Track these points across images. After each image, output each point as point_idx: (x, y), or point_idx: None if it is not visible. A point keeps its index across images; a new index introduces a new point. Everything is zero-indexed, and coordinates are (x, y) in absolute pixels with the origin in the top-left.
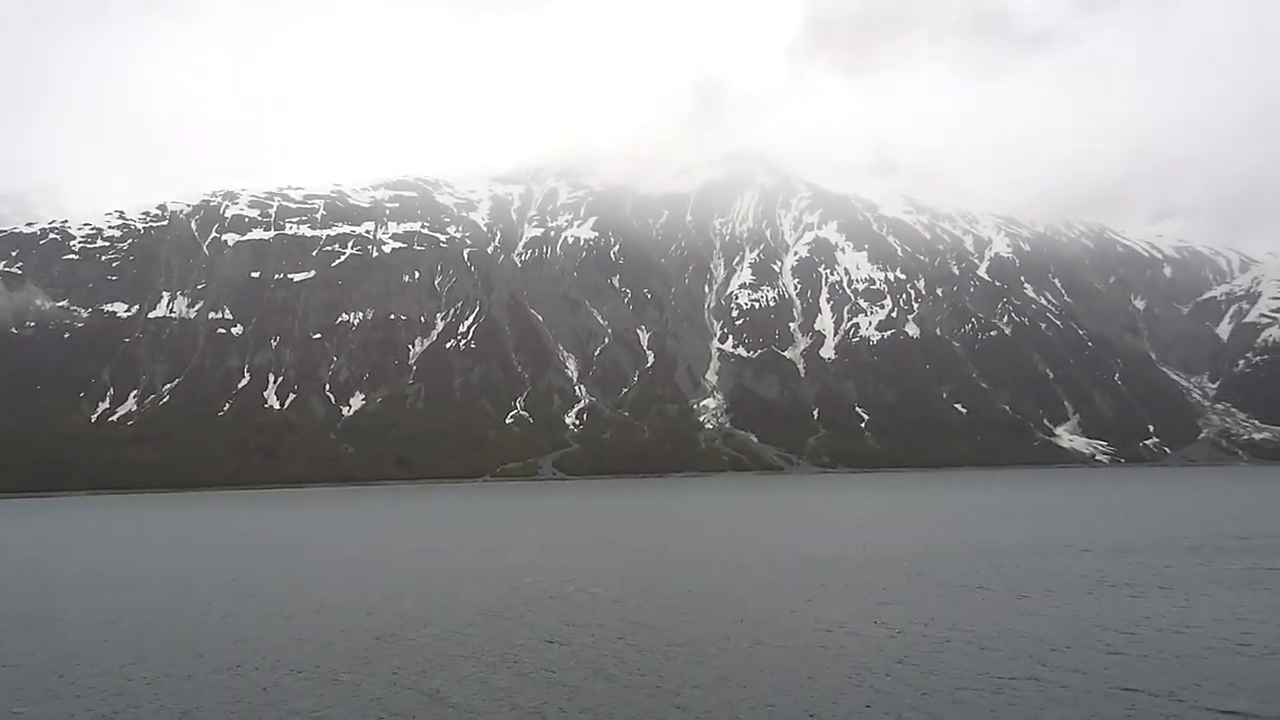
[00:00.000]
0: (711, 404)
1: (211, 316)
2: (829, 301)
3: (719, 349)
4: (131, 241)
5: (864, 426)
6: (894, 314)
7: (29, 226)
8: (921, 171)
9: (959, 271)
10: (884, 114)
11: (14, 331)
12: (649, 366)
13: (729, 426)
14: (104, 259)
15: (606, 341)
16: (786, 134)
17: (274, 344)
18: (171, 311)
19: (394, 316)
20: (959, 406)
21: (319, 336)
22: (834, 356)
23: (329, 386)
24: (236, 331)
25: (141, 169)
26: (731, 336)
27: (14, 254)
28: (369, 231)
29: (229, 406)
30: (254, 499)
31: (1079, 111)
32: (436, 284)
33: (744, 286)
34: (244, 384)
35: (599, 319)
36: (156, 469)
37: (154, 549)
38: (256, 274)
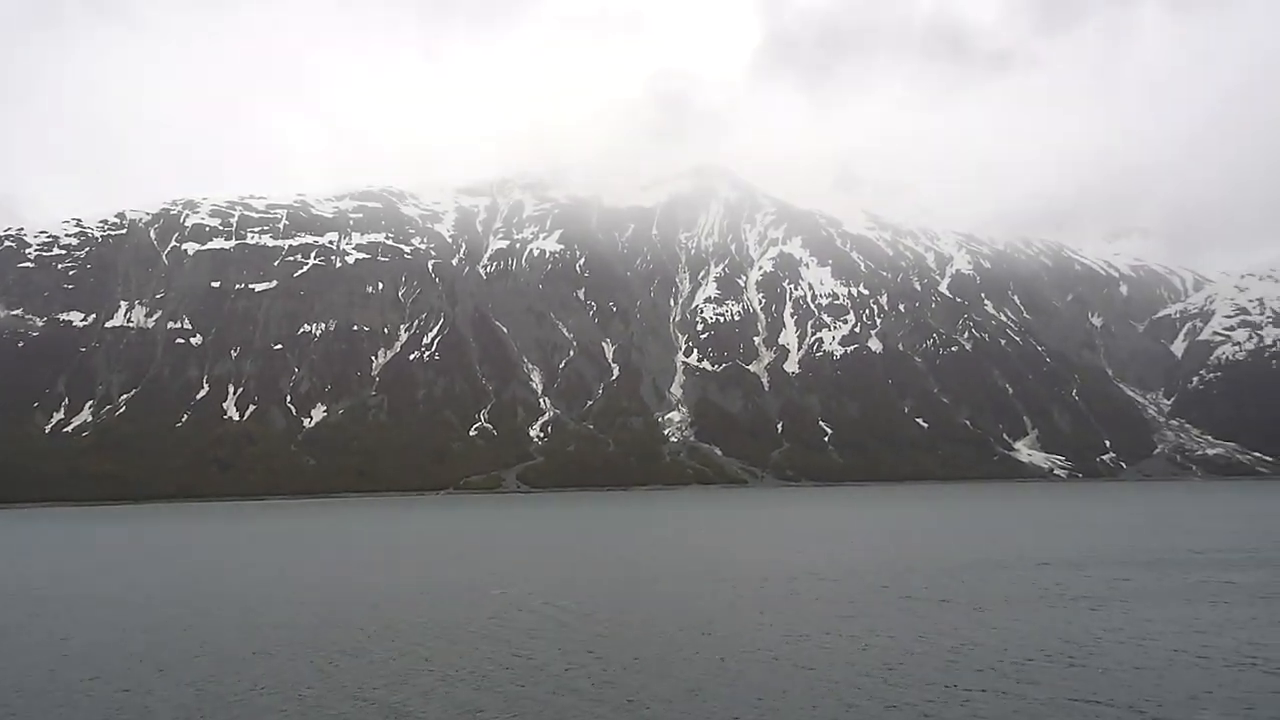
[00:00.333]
0: (676, 417)
1: (170, 326)
2: (793, 316)
3: (684, 362)
4: (89, 250)
5: (827, 440)
6: (857, 329)
7: None
8: (884, 188)
9: (921, 288)
10: (847, 131)
11: None
12: (614, 379)
13: (693, 440)
14: (60, 267)
15: (571, 354)
16: (750, 149)
17: (234, 354)
18: (129, 321)
19: (357, 328)
20: (920, 421)
21: (280, 347)
22: (798, 371)
23: (290, 398)
24: (196, 342)
25: (100, 177)
26: (696, 350)
27: None
28: (332, 242)
29: (187, 417)
30: (212, 511)
31: (1037, 132)
32: (400, 295)
33: (709, 300)
34: (203, 395)
35: (564, 331)
36: (113, 480)
37: (124, 562)
38: (217, 284)
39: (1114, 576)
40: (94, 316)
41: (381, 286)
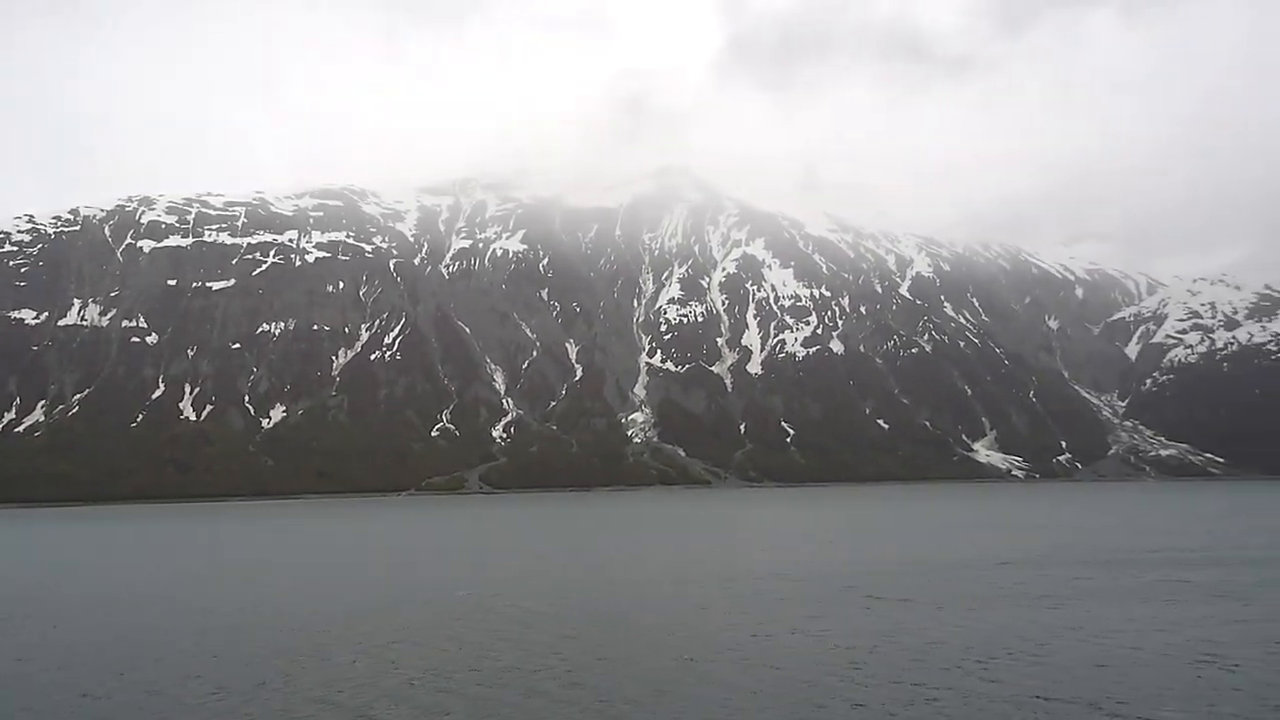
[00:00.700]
0: (639, 418)
1: (125, 325)
2: (756, 317)
3: (647, 363)
4: (41, 246)
5: (789, 441)
6: (819, 330)
7: None
8: (846, 190)
9: (882, 290)
10: (809, 133)
11: None
12: (577, 380)
13: (657, 440)
14: (11, 264)
15: (535, 354)
16: (713, 150)
17: (191, 354)
18: (83, 319)
19: (317, 327)
20: (881, 422)
21: (238, 346)
22: (760, 372)
23: (248, 398)
24: (151, 340)
25: (53, 173)
26: (660, 351)
27: None
28: (292, 240)
29: (142, 418)
30: (169, 513)
31: (995, 135)
32: (361, 295)
33: (672, 301)
34: (158, 394)
35: (527, 332)
36: (66, 482)
37: (80, 565)
38: (173, 282)
39: (1072, 576)
40: (46, 314)
41: (342, 285)
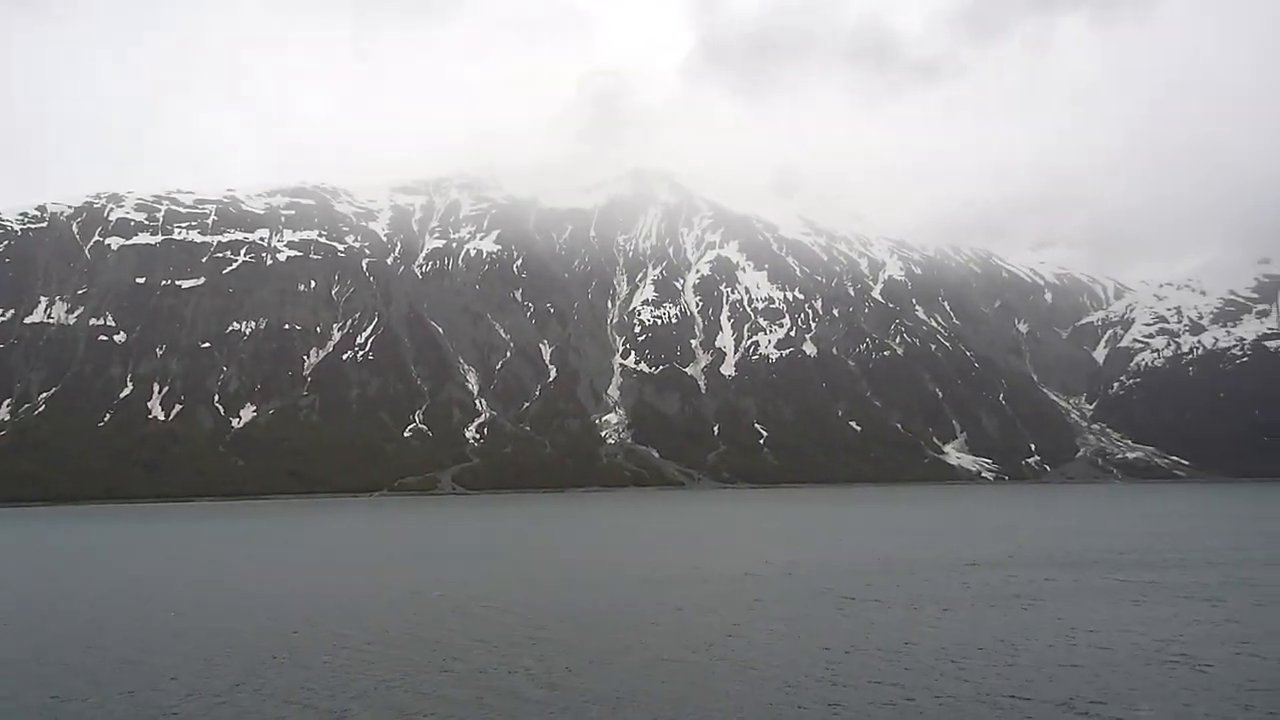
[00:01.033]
0: (613, 419)
1: (93, 323)
2: (730, 319)
3: (621, 364)
4: (7, 244)
5: (763, 443)
6: (792, 333)
7: None
8: (819, 194)
9: (854, 293)
10: (782, 136)
11: None
12: (551, 381)
13: (630, 442)
14: None
15: (508, 355)
16: (686, 152)
17: (159, 353)
18: (50, 317)
19: (288, 326)
20: (854, 424)
21: (208, 346)
22: (734, 374)
23: (218, 397)
24: (120, 339)
25: (20, 169)
26: (634, 352)
27: None
28: (263, 239)
29: (110, 417)
30: (137, 513)
31: (966, 140)
32: (333, 294)
33: (646, 303)
34: (126, 394)
35: (501, 332)
36: (32, 481)
37: (48, 565)
38: (142, 280)
39: (1042, 577)
40: (12, 312)
41: (314, 285)
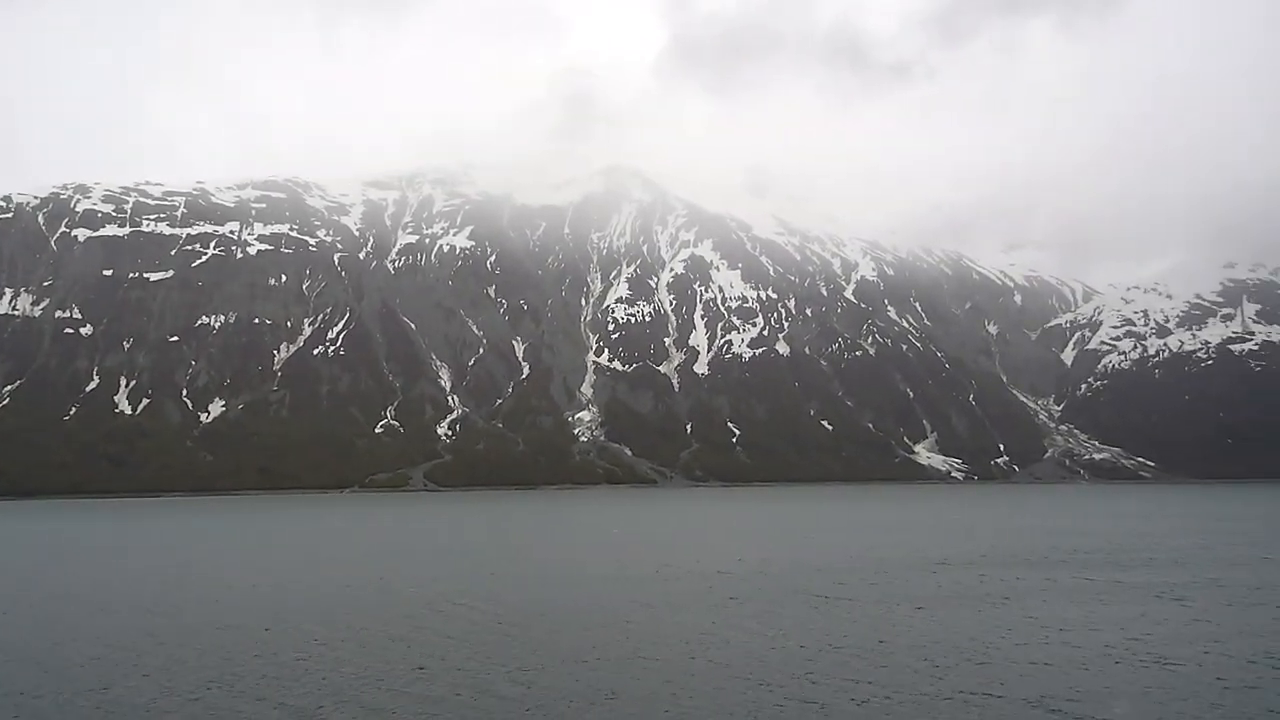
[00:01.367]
0: (586, 417)
1: (59, 315)
2: (703, 318)
3: (594, 362)
4: None
5: (735, 441)
6: (765, 332)
7: None
8: (793, 194)
9: (827, 293)
10: (755, 136)
11: None
12: (524, 378)
13: (603, 439)
14: None
15: (481, 352)
16: (660, 151)
17: (127, 346)
18: (14, 309)
19: (258, 321)
20: (825, 423)
21: (176, 339)
22: (707, 372)
23: (186, 392)
24: (86, 332)
25: None
26: (607, 350)
27: None
28: (233, 232)
29: (76, 410)
30: (103, 508)
31: (936, 142)
32: (305, 288)
33: (620, 301)
34: (93, 387)
35: (474, 329)
36: None
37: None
38: (109, 272)
39: (1013, 576)
40: None
41: (285, 279)
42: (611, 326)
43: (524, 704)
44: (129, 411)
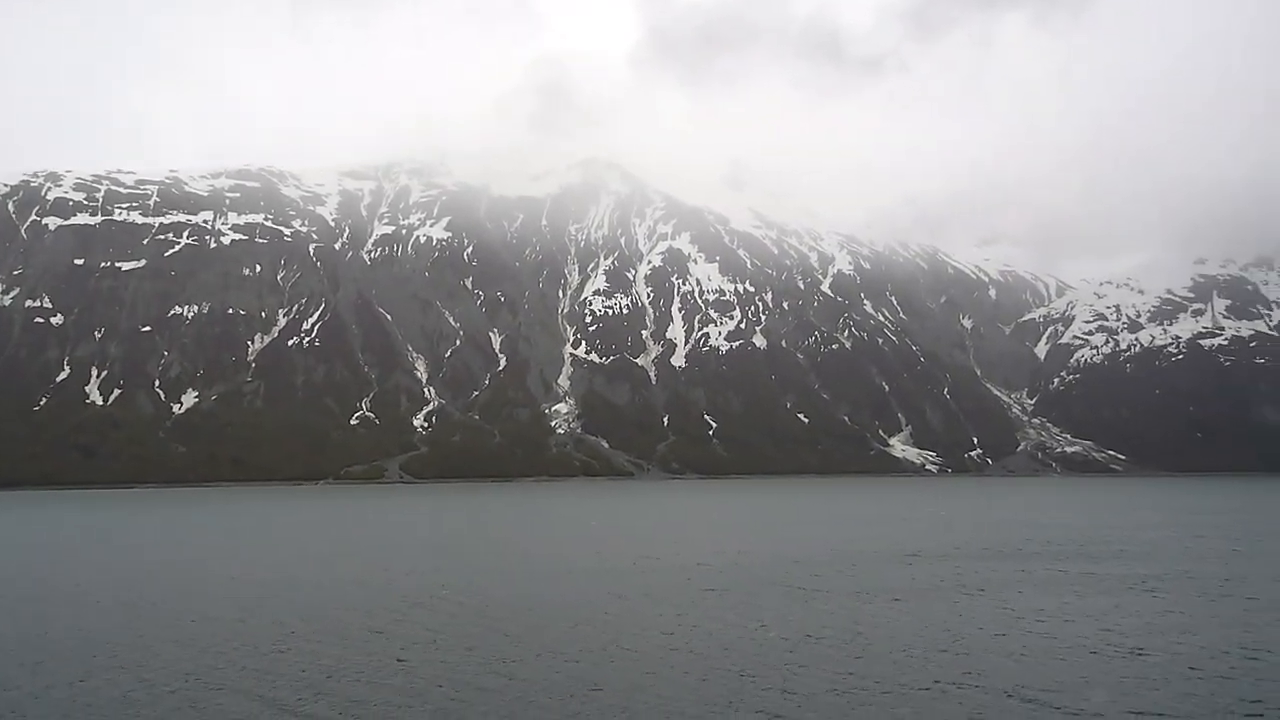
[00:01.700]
0: (563, 409)
1: (29, 305)
2: (680, 311)
3: (571, 354)
4: None
5: (712, 434)
6: (742, 325)
7: None
8: (770, 187)
9: (804, 286)
10: (732, 129)
11: None
12: (501, 370)
13: (580, 432)
14: None
15: (458, 343)
16: (637, 143)
17: (98, 336)
18: None
19: (232, 311)
20: (802, 416)
21: (149, 329)
22: (684, 365)
23: (158, 382)
24: (56, 321)
25: None
26: (584, 342)
27: None
28: (207, 221)
29: (46, 401)
30: (73, 499)
31: (912, 136)
32: (279, 279)
33: (598, 293)
34: (63, 377)
35: (450, 320)
36: None
37: None
38: (80, 261)
39: (987, 568)
40: None
41: (259, 269)
42: (589, 319)
43: (505, 695)
44: (100, 402)
